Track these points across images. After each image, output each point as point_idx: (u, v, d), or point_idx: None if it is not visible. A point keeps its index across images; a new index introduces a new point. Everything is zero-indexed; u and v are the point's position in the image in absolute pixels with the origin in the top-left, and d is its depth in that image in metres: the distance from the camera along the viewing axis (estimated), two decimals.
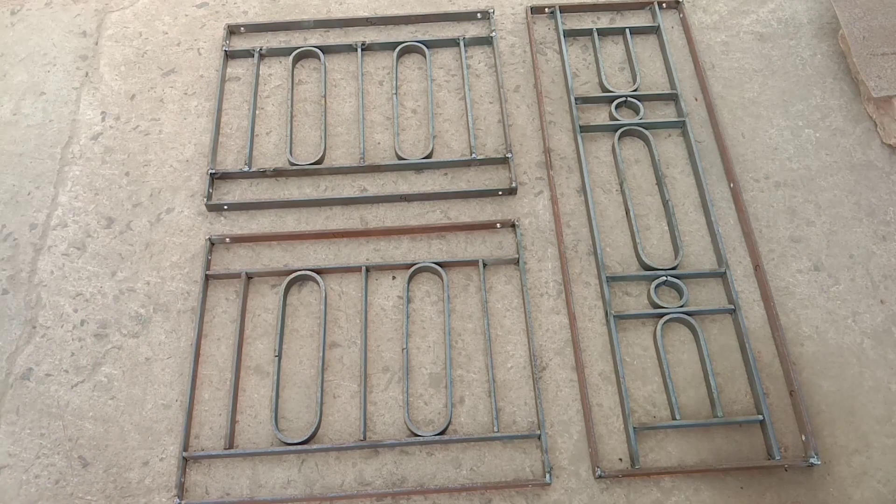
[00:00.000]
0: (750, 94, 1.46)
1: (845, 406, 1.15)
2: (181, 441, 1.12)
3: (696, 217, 1.33)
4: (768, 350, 1.20)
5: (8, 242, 1.32)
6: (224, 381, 1.19)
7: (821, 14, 1.56)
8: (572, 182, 1.37)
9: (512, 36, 1.55)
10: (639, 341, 1.21)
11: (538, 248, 1.30)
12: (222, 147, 1.41)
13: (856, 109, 1.44)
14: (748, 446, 1.13)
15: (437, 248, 1.31)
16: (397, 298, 1.26)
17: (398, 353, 1.21)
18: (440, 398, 1.17)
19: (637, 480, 1.10)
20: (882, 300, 1.24)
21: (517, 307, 1.24)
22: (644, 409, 1.16)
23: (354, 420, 1.16)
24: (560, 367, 1.19)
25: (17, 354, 1.22)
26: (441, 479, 1.11)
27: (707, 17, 1.57)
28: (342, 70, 1.51)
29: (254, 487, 1.11)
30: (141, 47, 1.55)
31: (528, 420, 1.15)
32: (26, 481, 1.12)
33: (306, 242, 1.32)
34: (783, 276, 1.27)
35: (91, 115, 1.46)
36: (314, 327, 1.24)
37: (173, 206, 1.36)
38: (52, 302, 1.26)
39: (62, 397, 1.18)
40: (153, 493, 1.11)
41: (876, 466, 1.11)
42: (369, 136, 1.42)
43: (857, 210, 1.33)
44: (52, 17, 1.59)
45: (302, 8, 1.59)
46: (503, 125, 1.41)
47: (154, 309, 1.25)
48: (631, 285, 1.26)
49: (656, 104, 1.45)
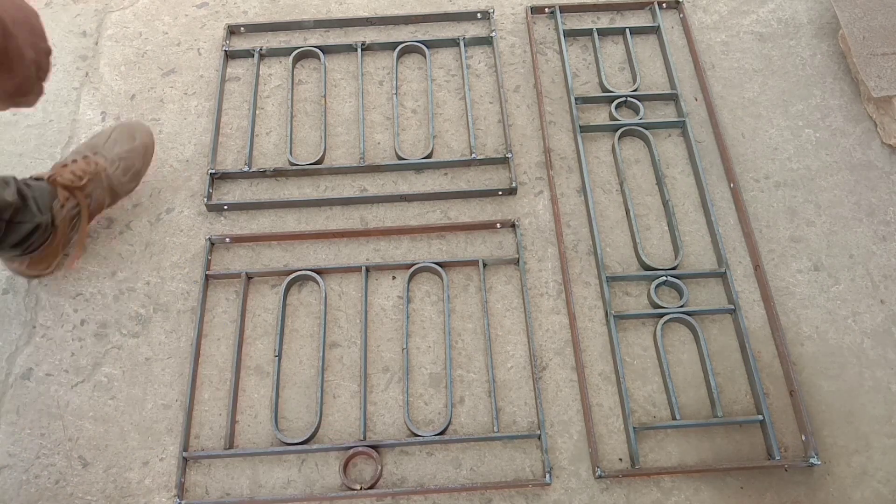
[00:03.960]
0: (750, 94, 1.46)
1: (845, 406, 1.15)
2: (181, 441, 1.13)
3: (696, 217, 1.33)
4: (768, 350, 1.20)
5: None
6: (224, 381, 1.19)
7: (821, 14, 1.56)
8: (572, 182, 1.37)
9: (512, 36, 1.55)
10: (639, 341, 1.21)
11: (538, 248, 1.30)
12: (222, 147, 1.41)
13: (856, 109, 1.44)
14: (748, 446, 1.13)
15: (437, 248, 1.31)
16: (397, 298, 1.26)
17: (398, 353, 1.21)
18: (440, 398, 1.17)
19: (637, 480, 1.10)
20: (882, 300, 1.24)
21: (517, 307, 1.24)
22: (644, 409, 1.16)
23: (354, 420, 1.16)
24: (560, 367, 1.19)
25: (17, 354, 1.22)
26: (441, 479, 1.11)
27: (707, 17, 1.57)
28: (342, 70, 1.51)
29: (254, 487, 1.11)
30: (141, 47, 1.55)
31: (528, 420, 1.15)
32: (26, 481, 1.12)
33: (306, 242, 1.32)
34: (783, 276, 1.27)
35: (91, 115, 1.46)
36: (314, 327, 1.24)
37: (173, 206, 1.36)
38: (52, 302, 1.26)
39: (62, 397, 1.18)
40: (153, 493, 1.11)
41: (876, 466, 1.11)
42: (369, 136, 1.42)
43: (857, 210, 1.33)
44: (52, 17, 1.59)
45: (302, 8, 1.60)
46: (503, 125, 1.41)
47: (154, 309, 1.25)
48: (631, 285, 1.26)
49: (656, 104, 1.45)
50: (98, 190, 1.22)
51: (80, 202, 1.18)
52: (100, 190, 1.22)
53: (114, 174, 1.23)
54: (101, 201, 1.24)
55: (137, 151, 1.28)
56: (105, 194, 1.24)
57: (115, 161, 1.24)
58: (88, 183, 1.19)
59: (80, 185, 1.18)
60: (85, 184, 1.18)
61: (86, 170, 1.19)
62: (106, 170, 1.23)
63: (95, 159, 1.23)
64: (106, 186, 1.23)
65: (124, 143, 1.27)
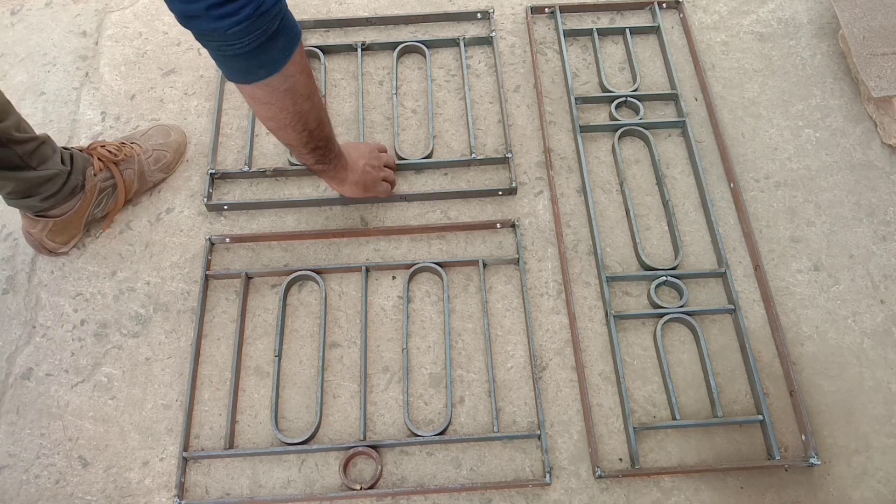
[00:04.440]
0: (750, 94, 1.46)
1: (845, 406, 1.15)
2: (181, 441, 1.13)
3: (696, 217, 1.33)
4: (768, 350, 1.20)
5: (8, 242, 1.32)
6: (224, 381, 1.19)
7: (821, 14, 1.56)
8: (572, 182, 1.37)
9: (512, 36, 1.55)
10: (639, 341, 1.21)
11: (538, 248, 1.30)
12: (222, 147, 1.41)
13: (856, 109, 1.44)
14: (748, 446, 1.13)
15: (437, 248, 1.31)
16: (397, 298, 1.26)
17: (398, 353, 1.21)
18: (440, 398, 1.17)
19: (637, 480, 1.10)
20: (882, 300, 1.24)
21: (517, 307, 1.24)
22: (644, 409, 1.16)
23: (354, 420, 1.16)
24: (560, 367, 1.19)
25: (17, 354, 1.22)
26: (441, 479, 1.11)
27: (707, 17, 1.57)
28: (342, 70, 1.51)
29: (254, 487, 1.11)
30: (141, 47, 1.55)
31: (528, 420, 1.15)
32: (26, 481, 1.12)
33: (306, 242, 1.32)
34: (783, 276, 1.27)
35: (91, 115, 1.46)
36: (314, 327, 1.24)
37: (173, 206, 1.36)
38: (52, 302, 1.26)
39: (62, 397, 1.18)
40: (153, 493, 1.11)
41: (876, 466, 1.11)
42: (369, 136, 1.42)
43: (857, 210, 1.33)
44: (52, 17, 1.59)
45: (302, 8, 1.59)
46: (503, 125, 1.41)
47: (154, 309, 1.25)
48: (631, 285, 1.26)
49: (656, 104, 1.45)
50: (129, 171, 1.30)
51: (114, 174, 1.27)
52: (130, 171, 1.30)
53: (146, 161, 1.32)
54: (130, 182, 1.31)
55: (170, 146, 1.37)
56: (135, 177, 1.31)
57: (148, 150, 1.33)
58: (123, 161, 1.29)
59: (115, 161, 1.27)
60: (119, 160, 1.28)
61: (121, 149, 1.29)
62: (139, 156, 1.32)
63: (131, 145, 1.32)
64: (137, 170, 1.31)
65: (159, 138, 1.36)
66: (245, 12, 0.77)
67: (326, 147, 1.07)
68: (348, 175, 1.19)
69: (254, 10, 0.78)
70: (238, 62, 0.85)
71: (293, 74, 0.90)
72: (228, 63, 0.85)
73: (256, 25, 0.80)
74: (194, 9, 0.77)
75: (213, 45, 0.83)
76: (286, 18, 0.85)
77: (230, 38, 0.80)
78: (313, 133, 1.01)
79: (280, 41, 0.85)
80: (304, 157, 1.08)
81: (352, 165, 1.19)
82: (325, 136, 1.05)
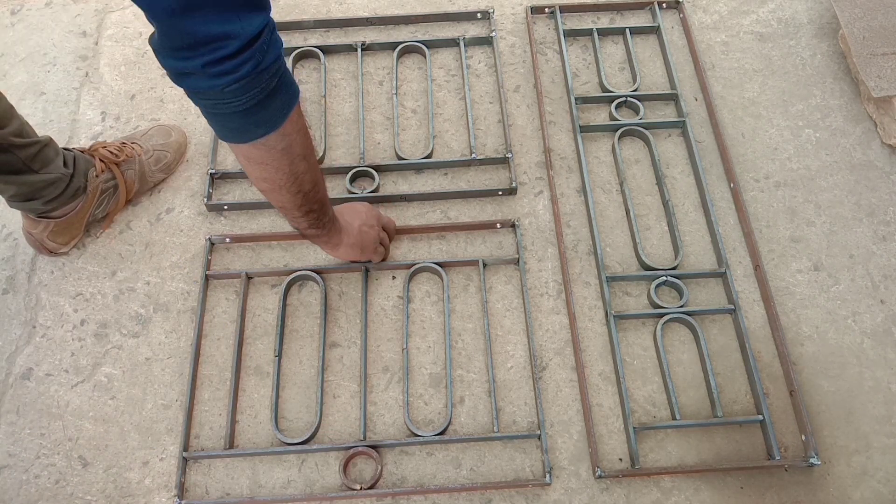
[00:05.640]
0: (750, 94, 1.46)
1: (845, 406, 1.15)
2: (181, 441, 1.13)
3: (696, 217, 1.33)
4: (768, 350, 1.20)
5: (8, 242, 1.32)
6: (224, 381, 1.19)
7: (821, 14, 1.56)
8: (572, 182, 1.37)
9: (512, 36, 1.55)
10: (639, 341, 1.21)
11: (538, 248, 1.30)
12: (222, 147, 1.41)
13: (856, 109, 1.44)
14: (748, 446, 1.13)
15: (437, 248, 1.31)
16: (397, 298, 1.26)
17: (398, 353, 1.21)
18: (440, 398, 1.17)
19: (637, 480, 1.10)
20: (882, 300, 1.24)
21: (517, 307, 1.24)
22: (644, 409, 1.16)
23: (354, 420, 1.16)
24: (560, 367, 1.19)
25: (17, 354, 1.22)
26: (441, 479, 1.11)
27: (707, 17, 1.57)
28: (342, 70, 1.51)
29: (254, 487, 1.11)
30: (141, 47, 1.55)
31: (528, 420, 1.15)
32: (26, 481, 1.12)
33: (306, 242, 1.31)
34: (783, 276, 1.27)
35: (91, 115, 1.46)
36: (314, 327, 1.24)
37: (173, 206, 1.36)
38: (52, 302, 1.26)
39: (62, 397, 1.18)
40: (153, 493, 1.11)
41: (876, 466, 1.11)
42: (369, 136, 1.42)
43: (857, 210, 1.33)
44: (52, 17, 1.59)
45: (302, 8, 1.59)
46: (503, 125, 1.41)
47: (154, 309, 1.25)
48: (631, 285, 1.26)
49: (656, 104, 1.45)
50: (130, 171, 1.30)
51: (115, 175, 1.28)
52: (132, 172, 1.31)
53: (146, 161, 1.33)
54: (131, 183, 1.31)
55: (171, 146, 1.37)
56: (136, 178, 1.32)
57: (149, 151, 1.34)
58: (124, 161, 1.29)
59: (117, 162, 1.28)
60: (121, 161, 1.28)
61: (122, 150, 1.30)
62: (140, 156, 1.32)
63: (132, 145, 1.33)
64: (138, 170, 1.31)
65: (159, 138, 1.37)
66: (244, 69, 0.72)
67: (321, 210, 1.01)
68: (343, 238, 1.12)
69: (253, 67, 0.72)
70: (233, 121, 0.79)
71: (290, 133, 0.85)
72: (222, 122, 0.80)
73: (255, 83, 0.74)
74: (190, 66, 0.70)
75: (208, 104, 0.77)
76: (285, 75, 0.79)
77: (227, 97, 0.74)
78: (308, 195, 0.95)
79: (278, 99, 0.80)
80: (297, 221, 1.01)
81: (346, 228, 1.13)
82: (320, 199, 0.99)
